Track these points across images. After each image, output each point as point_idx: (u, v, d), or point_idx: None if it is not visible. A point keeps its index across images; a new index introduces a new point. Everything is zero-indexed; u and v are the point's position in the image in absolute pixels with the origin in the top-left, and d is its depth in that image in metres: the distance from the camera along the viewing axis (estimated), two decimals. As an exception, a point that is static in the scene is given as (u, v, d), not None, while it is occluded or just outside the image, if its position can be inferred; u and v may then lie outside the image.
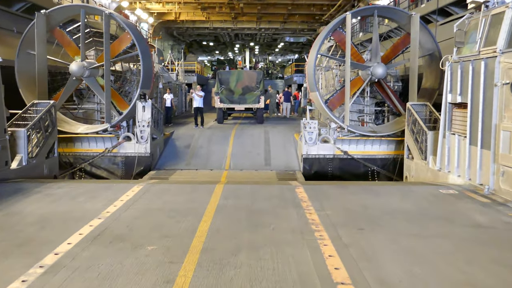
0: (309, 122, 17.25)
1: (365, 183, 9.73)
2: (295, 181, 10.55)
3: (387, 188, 9.20)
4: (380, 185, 9.50)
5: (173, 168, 17.50)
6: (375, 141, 17.03)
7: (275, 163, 18.09)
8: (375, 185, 9.52)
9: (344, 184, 9.31)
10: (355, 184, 9.35)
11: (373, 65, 17.07)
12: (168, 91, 26.75)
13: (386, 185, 9.70)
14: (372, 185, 9.41)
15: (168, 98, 26.28)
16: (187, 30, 50.47)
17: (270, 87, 34.95)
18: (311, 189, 8.72)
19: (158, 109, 18.99)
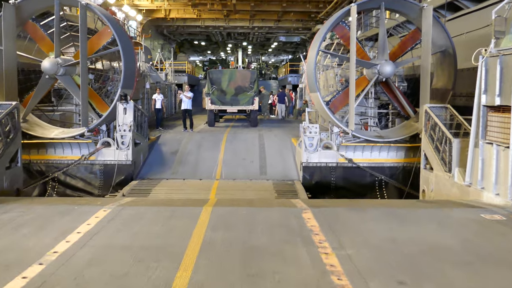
0: (309, 126, 15.49)
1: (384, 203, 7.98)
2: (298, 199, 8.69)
3: (413, 212, 7.39)
4: (403, 207, 7.71)
5: (158, 178, 15.69)
6: (382, 147, 15.31)
7: (272, 171, 16.32)
8: (398, 206, 7.76)
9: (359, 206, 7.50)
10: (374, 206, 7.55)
11: (380, 63, 15.34)
12: (158, 91, 24.32)
13: (411, 207, 7.90)
14: (394, 207, 7.64)
15: (158, 99, 23.71)
16: (178, 29, 48.54)
17: (263, 88, 33.18)
18: (321, 213, 6.93)
19: (142, 111, 17.16)
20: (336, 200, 10.92)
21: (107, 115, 15.55)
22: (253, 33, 52.51)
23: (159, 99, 23.61)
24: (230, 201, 8.27)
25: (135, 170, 15.73)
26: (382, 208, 7.25)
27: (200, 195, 13.38)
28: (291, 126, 24.76)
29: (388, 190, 15.12)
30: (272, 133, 21.20)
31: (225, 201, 8.11)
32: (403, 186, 14.82)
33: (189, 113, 22.20)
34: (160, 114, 23.47)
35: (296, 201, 8.27)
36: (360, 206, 7.54)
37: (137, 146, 16.11)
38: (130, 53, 16.41)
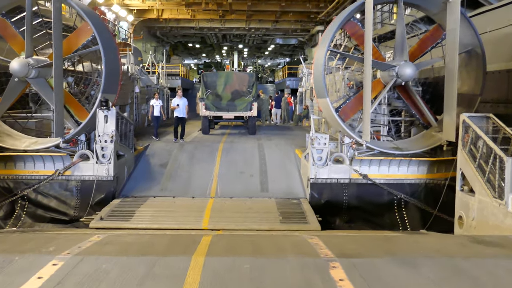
0: (317, 136, 13.52)
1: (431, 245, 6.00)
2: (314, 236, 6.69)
3: (483, 264, 5.34)
4: (464, 258, 5.61)
5: (144, 195, 13.67)
6: (402, 161, 13.38)
7: (274, 188, 14.33)
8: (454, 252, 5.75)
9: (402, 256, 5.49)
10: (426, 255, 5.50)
11: (399, 64, 13.41)
12: (156, 96, 21.33)
13: (475, 256, 5.79)
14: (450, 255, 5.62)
15: (156, 106, 20.50)
16: (171, 30, 46.50)
17: (262, 92, 31.25)
18: (355, 270, 4.90)
19: (126, 118, 15.12)
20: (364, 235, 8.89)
21: (86, 123, 13.57)
22: (250, 35, 50.57)
23: (157, 105, 20.57)
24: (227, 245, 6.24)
25: (118, 187, 13.71)
26: (438, 259, 5.27)
27: (191, 220, 11.38)
28: (292, 134, 22.76)
29: (408, 211, 13.17)
30: (272, 142, 19.19)
31: (221, 246, 6.09)
32: (426, 206, 12.86)
33: (183, 122, 19.63)
34: (158, 123, 20.39)
35: (315, 242, 6.26)
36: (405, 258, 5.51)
37: (120, 159, 14.11)
38: (113, 52, 14.42)
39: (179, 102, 19.31)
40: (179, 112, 19.24)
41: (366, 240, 7.21)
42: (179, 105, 19.18)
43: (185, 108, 19.33)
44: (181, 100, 19.46)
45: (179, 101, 19.35)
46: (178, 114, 19.32)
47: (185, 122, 19.58)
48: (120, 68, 14.99)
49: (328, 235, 9.83)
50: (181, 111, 19.25)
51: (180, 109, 19.19)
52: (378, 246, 6.20)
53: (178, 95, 19.67)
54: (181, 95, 19.81)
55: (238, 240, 6.84)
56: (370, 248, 6.08)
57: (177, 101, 19.39)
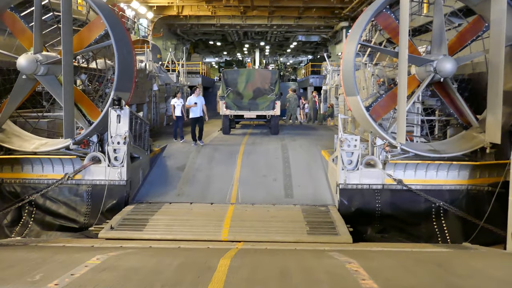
0: (347, 138, 12.40)
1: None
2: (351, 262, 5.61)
3: None
4: None
5: (159, 201, 12.70)
6: (441, 166, 12.16)
7: (299, 193, 13.24)
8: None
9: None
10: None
11: (437, 59, 12.20)
12: (178, 95, 19.46)
13: None
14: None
15: (178, 105, 18.74)
16: (192, 28, 45.62)
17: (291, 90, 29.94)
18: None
19: (141, 118, 14.18)
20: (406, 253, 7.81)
21: (98, 123, 12.68)
22: (271, 32, 49.41)
23: (179, 104, 18.75)
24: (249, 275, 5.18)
25: (131, 192, 12.78)
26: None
27: (210, 229, 10.36)
28: (317, 134, 21.64)
29: (448, 221, 11.95)
30: (296, 143, 18.10)
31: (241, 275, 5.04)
32: (468, 215, 11.62)
33: (200, 122, 17.92)
34: (181, 123, 18.59)
35: (354, 269, 5.18)
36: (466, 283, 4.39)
37: (134, 162, 13.19)
38: (127, 48, 13.50)
39: (196, 100, 17.82)
40: (195, 111, 17.66)
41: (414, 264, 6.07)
42: (197, 103, 17.71)
43: (202, 107, 17.85)
44: (198, 98, 17.96)
45: (196, 99, 17.85)
46: (194, 114, 17.68)
47: (203, 122, 18.02)
48: (134, 64, 14.04)
49: (363, 250, 8.72)
50: (198, 111, 17.72)
51: (197, 108, 17.68)
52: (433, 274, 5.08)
53: (195, 93, 18.18)
54: (198, 93, 18.29)
55: (262, 264, 5.76)
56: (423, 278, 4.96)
57: (193, 99, 17.89)
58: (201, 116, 17.78)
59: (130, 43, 13.99)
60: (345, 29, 40.44)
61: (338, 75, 29.12)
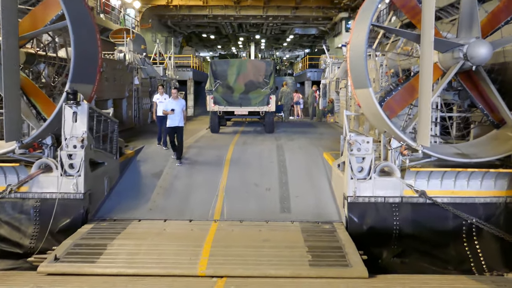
0: (357, 140, 10.06)
1: None
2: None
3: None
4: None
5: (126, 218, 10.31)
6: (474, 174, 9.84)
7: (298, 206, 10.89)
8: None
9: None
10: None
11: (468, 43, 9.86)
12: (161, 90, 15.77)
13: None
14: None
15: (161, 102, 14.74)
16: (183, 19, 43.20)
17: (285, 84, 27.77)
18: None
19: (107, 116, 11.79)
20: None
21: (51, 122, 10.32)
22: (267, 24, 47.04)
23: (162, 101, 14.62)
24: None
25: (92, 207, 10.40)
26: None
27: (184, 259, 7.99)
28: (317, 132, 19.32)
29: (482, 241, 9.63)
30: (294, 143, 15.75)
31: None
32: (507, 234, 9.32)
33: (179, 133, 13.42)
34: (164, 124, 14.03)
35: None
36: None
37: (96, 169, 10.84)
38: (88, 31, 11.14)
39: (175, 105, 13.41)
40: (173, 119, 13.28)
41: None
42: (174, 110, 13.27)
43: (182, 114, 13.51)
44: (178, 102, 13.56)
45: (175, 103, 13.47)
46: (172, 122, 13.34)
47: (182, 133, 13.55)
48: (99, 51, 11.64)
49: None
50: (177, 118, 13.32)
51: (176, 115, 13.28)
52: None
53: (173, 95, 13.73)
54: (177, 95, 13.85)
55: None
56: None
57: (171, 103, 13.48)
58: (180, 126, 13.41)
59: (94, 26, 11.60)
60: (344, 20, 38.36)
61: (338, 68, 27.02)
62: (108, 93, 17.50)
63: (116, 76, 18.54)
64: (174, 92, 13.82)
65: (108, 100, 17.94)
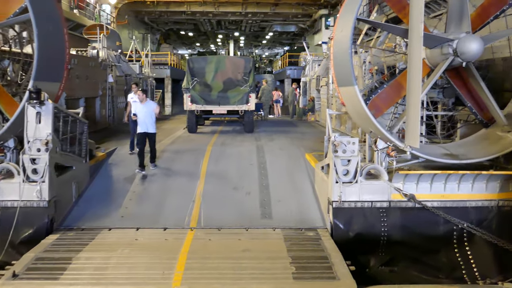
0: (342, 140, 9.48)
1: None
2: None
3: None
4: None
5: (95, 227, 9.56)
6: (465, 176, 9.32)
7: (280, 212, 10.26)
8: None
9: None
10: None
11: (458, 38, 9.34)
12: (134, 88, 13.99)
13: None
14: None
15: (135, 101, 12.70)
16: (161, 16, 42.30)
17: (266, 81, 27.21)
18: None
19: (75, 117, 11.00)
20: None
21: (12, 123, 9.52)
22: (246, 21, 46.34)
23: (137, 101, 12.50)
24: None
25: (58, 215, 9.62)
26: None
27: (156, 274, 7.29)
28: (298, 131, 18.78)
29: (474, 247, 9.15)
30: (275, 143, 15.15)
31: None
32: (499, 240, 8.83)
33: (151, 140, 12.21)
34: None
35: None
36: None
37: (64, 174, 10.07)
38: (54, 25, 10.34)
39: (142, 109, 12.05)
40: (142, 124, 12.00)
41: None
42: (137, 115, 12.02)
43: (153, 117, 12.12)
44: (146, 105, 12.09)
45: (142, 107, 12.07)
46: (141, 127, 12.05)
47: (154, 139, 12.34)
48: (67, 46, 10.86)
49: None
50: (146, 123, 11.99)
51: (145, 120, 11.98)
52: None
53: (139, 95, 12.13)
54: (143, 96, 12.14)
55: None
56: None
57: (138, 107, 12.16)
58: (151, 133, 12.17)
59: (61, 20, 10.81)
60: (324, 17, 37.92)
61: (318, 65, 26.53)
62: (79, 91, 16.66)
63: (89, 74, 17.70)
64: (140, 94, 12.09)
65: (80, 99, 17.12)
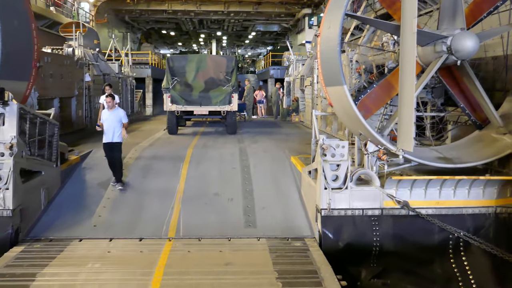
0: (331, 143, 8.88)
1: None
2: None
3: None
4: None
5: (65, 237, 8.83)
6: (461, 182, 8.78)
7: (265, 220, 9.63)
8: None
9: None
10: None
11: (453, 34, 8.81)
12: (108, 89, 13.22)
13: None
14: None
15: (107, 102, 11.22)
16: (142, 15, 41.46)
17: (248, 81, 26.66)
18: None
19: (44, 118, 10.23)
20: None
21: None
22: (229, 20, 45.73)
23: None
24: None
25: (24, 225, 8.86)
26: None
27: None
28: (282, 133, 18.21)
29: (470, 257, 8.61)
30: (259, 146, 14.54)
31: None
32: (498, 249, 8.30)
33: (117, 152, 10.98)
34: None
35: None
36: None
37: (31, 180, 9.32)
38: (20, 19, 9.58)
39: (109, 116, 10.80)
40: (108, 134, 10.73)
41: None
42: (103, 122, 10.85)
43: (120, 126, 10.77)
44: (114, 112, 10.79)
45: (109, 114, 10.81)
46: (106, 138, 10.78)
47: (120, 151, 11.12)
48: (35, 43, 10.09)
49: None
50: (112, 132, 10.71)
51: (111, 129, 10.81)
52: None
53: (106, 100, 10.81)
54: (113, 102, 10.81)
55: None
56: None
57: (105, 114, 10.91)
58: (117, 143, 10.83)
59: (29, 15, 10.06)
60: (307, 16, 37.56)
61: (302, 65, 26.03)
62: (53, 91, 15.86)
63: (64, 73, 16.89)
64: (109, 100, 10.69)
65: (54, 99, 16.32)
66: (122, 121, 10.85)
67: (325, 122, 17.67)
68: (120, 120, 10.83)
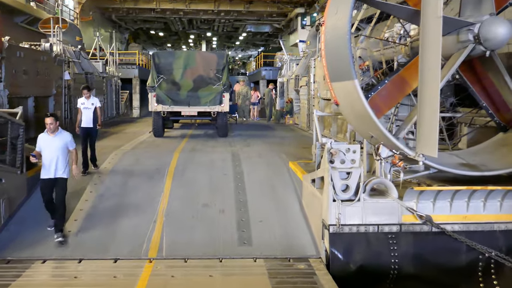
0: (339, 148, 7.59)
1: None
2: None
3: None
4: None
5: (26, 258, 7.44)
6: (492, 193, 7.51)
7: (262, 236, 8.28)
8: None
9: None
10: None
11: (481, 21, 7.57)
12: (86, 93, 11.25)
13: None
14: None
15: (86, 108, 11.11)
16: (129, 13, 40.02)
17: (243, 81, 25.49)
18: None
19: (5, 118, 8.84)
20: None
21: None
22: (219, 20, 44.44)
23: (88, 107, 11.11)
24: None
25: (-23, 243, 7.50)
26: None
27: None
28: (277, 136, 16.96)
29: (503, 280, 7.36)
30: (252, 150, 13.24)
31: None
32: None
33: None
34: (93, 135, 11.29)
35: None
36: None
37: (-12, 190, 7.91)
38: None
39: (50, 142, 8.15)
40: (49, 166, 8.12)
41: None
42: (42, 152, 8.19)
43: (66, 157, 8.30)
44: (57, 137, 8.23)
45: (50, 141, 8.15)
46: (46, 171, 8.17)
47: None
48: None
49: None
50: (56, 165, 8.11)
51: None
52: None
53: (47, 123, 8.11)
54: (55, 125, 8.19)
55: None
56: None
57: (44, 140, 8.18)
58: (61, 179, 8.20)
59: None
60: (300, 16, 36.42)
61: (296, 65, 24.96)
62: (27, 89, 14.54)
63: (40, 70, 15.55)
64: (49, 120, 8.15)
65: (28, 98, 14.96)
66: (68, 147, 8.36)
67: (322, 124, 16.45)
68: (65, 148, 8.31)
